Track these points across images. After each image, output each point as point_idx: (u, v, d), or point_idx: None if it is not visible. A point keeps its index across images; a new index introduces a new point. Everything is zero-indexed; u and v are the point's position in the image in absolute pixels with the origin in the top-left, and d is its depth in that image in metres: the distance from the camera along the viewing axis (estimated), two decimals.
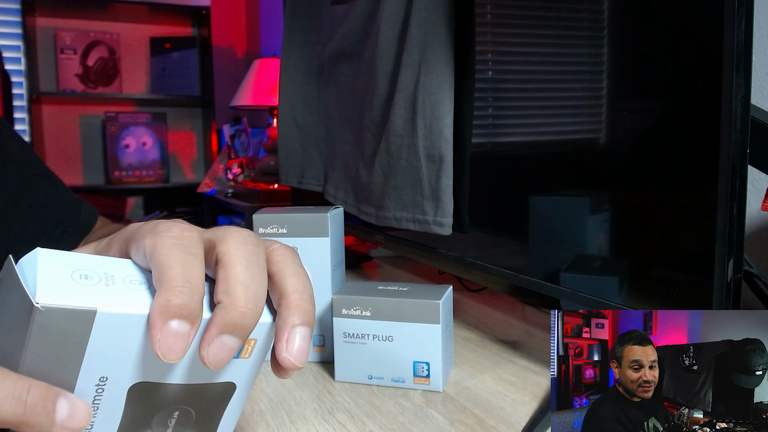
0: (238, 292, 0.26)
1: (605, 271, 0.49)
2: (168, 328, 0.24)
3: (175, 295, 0.25)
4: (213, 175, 2.56)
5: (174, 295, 0.25)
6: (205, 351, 0.26)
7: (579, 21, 0.51)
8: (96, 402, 0.27)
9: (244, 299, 0.26)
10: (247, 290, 0.27)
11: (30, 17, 2.68)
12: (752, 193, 0.66)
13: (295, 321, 0.28)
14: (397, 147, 0.66)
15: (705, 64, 0.38)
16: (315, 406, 0.49)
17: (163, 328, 0.24)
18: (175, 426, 0.29)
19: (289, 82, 0.99)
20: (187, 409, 0.29)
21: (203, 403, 0.30)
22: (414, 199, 0.65)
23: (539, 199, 0.55)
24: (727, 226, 0.37)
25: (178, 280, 0.25)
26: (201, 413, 0.30)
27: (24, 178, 0.59)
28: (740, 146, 0.36)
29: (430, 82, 0.61)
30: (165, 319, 0.24)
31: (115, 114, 2.93)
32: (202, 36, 2.96)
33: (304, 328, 0.28)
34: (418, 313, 0.50)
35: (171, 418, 0.29)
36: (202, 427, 0.30)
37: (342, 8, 0.82)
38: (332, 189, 0.89)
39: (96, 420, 0.27)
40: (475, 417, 0.46)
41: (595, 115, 0.49)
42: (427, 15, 0.61)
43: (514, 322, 0.72)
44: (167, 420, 0.29)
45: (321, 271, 0.57)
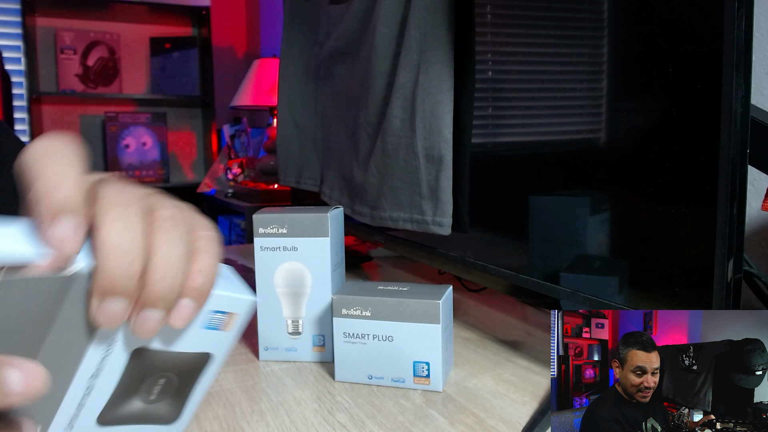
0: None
1: (605, 271, 0.49)
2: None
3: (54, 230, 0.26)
4: (213, 175, 2.56)
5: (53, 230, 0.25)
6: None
7: (579, 21, 0.51)
8: (102, 363, 0.29)
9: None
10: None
11: (30, 17, 2.68)
12: (752, 193, 0.66)
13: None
14: (394, 147, 0.66)
15: (705, 64, 0.38)
16: (315, 406, 0.49)
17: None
18: (158, 393, 0.31)
19: (287, 82, 0.99)
20: (171, 377, 0.31)
21: (184, 371, 0.32)
22: (412, 199, 0.65)
23: (539, 199, 0.55)
24: (727, 226, 0.37)
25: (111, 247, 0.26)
26: (180, 381, 0.32)
27: None
28: (740, 146, 0.36)
29: (429, 82, 0.61)
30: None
31: (115, 114, 2.93)
32: (202, 36, 2.96)
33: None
34: (418, 313, 0.50)
35: (156, 386, 0.31)
36: (179, 394, 0.32)
37: (339, 8, 0.82)
38: (328, 189, 0.89)
39: (98, 381, 0.29)
40: (475, 417, 0.46)
41: (595, 115, 0.49)
42: (426, 15, 0.61)
43: (514, 322, 0.72)
44: (152, 388, 0.31)
45: (321, 271, 0.57)
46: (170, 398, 0.32)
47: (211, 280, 0.29)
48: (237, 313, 0.31)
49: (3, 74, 2.34)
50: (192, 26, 3.06)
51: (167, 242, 0.27)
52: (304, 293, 0.57)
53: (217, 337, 0.32)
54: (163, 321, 0.28)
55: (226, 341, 0.32)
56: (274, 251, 0.57)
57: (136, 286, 0.26)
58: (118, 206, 0.26)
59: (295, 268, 0.57)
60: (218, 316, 0.31)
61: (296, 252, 0.57)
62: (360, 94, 0.75)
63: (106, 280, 0.25)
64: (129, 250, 0.26)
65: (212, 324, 0.31)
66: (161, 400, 0.32)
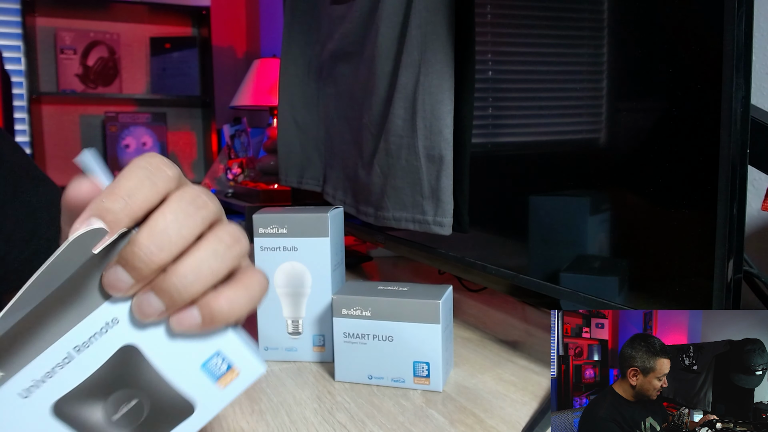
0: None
1: (605, 271, 0.49)
2: (88, 223, 0.25)
3: (108, 199, 0.25)
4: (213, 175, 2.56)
5: (108, 198, 0.25)
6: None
7: (579, 21, 0.51)
8: (92, 339, 0.28)
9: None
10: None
11: (30, 17, 2.67)
12: (752, 193, 0.66)
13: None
14: (397, 147, 0.66)
15: (705, 64, 0.38)
16: (315, 406, 0.49)
17: (84, 221, 0.25)
18: (123, 416, 0.29)
19: (288, 82, 0.99)
20: (142, 404, 0.29)
21: (158, 407, 0.29)
22: (414, 199, 0.65)
23: (539, 199, 0.55)
24: (727, 226, 0.37)
25: (120, 190, 0.25)
26: (150, 416, 0.29)
27: (16, 179, 0.59)
28: (740, 146, 0.36)
29: (430, 83, 0.61)
30: (88, 214, 0.25)
31: (115, 114, 2.92)
32: (202, 36, 2.96)
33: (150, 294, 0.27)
34: (418, 313, 0.50)
35: (125, 404, 0.29)
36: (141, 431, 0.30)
37: (341, 8, 0.82)
38: (331, 189, 0.89)
39: (78, 357, 0.28)
40: (475, 417, 0.46)
41: (595, 115, 0.49)
42: (427, 15, 0.61)
43: (514, 322, 0.72)
44: (121, 404, 0.29)
45: (321, 271, 0.57)
46: (130, 430, 0.29)
47: (234, 314, 0.28)
48: (240, 372, 0.29)
49: (3, 74, 2.34)
50: (192, 26, 3.06)
51: (211, 251, 0.27)
52: (304, 293, 0.57)
53: (209, 390, 0.29)
54: (162, 315, 0.27)
55: (216, 400, 0.29)
56: (274, 251, 0.57)
57: (152, 271, 0.26)
58: (185, 201, 0.27)
59: (295, 268, 0.57)
60: (221, 363, 0.29)
61: (296, 252, 0.57)
62: (364, 94, 0.75)
63: (131, 249, 0.25)
64: (168, 237, 0.26)
65: (211, 369, 0.29)
66: (121, 429, 0.29)
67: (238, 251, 0.28)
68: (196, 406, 0.29)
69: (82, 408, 0.29)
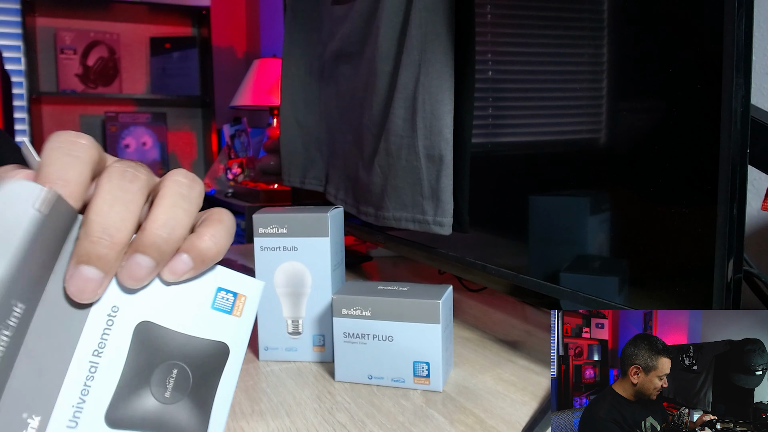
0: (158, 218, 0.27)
1: (605, 271, 0.49)
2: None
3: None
4: (213, 175, 2.56)
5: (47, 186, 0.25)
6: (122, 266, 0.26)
7: (579, 21, 0.51)
8: (104, 336, 0.27)
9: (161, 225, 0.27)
10: (167, 219, 0.27)
11: (30, 17, 2.68)
12: (752, 193, 0.66)
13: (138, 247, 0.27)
14: (397, 147, 0.66)
15: (705, 64, 0.38)
16: (315, 406, 0.49)
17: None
18: (173, 389, 0.29)
19: (290, 82, 0.99)
20: (184, 368, 0.29)
21: (198, 362, 0.29)
22: (414, 199, 0.65)
23: (539, 199, 0.55)
24: (727, 226, 0.37)
25: (51, 176, 0.25)
26: (196, 376, 0.29)
27: None
28: (740, 146, 0.36)
29: (430, 82, 0.61)
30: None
31: (115, 114, 2.93)
32: (202, 36, 2.96)
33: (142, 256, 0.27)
34: (418, 313, 0.50)
35: (170, 377, 0.29)
36: (199, 395, 0.30)
37: (342, 8, 0.82)
38: (333, 189, 0.89)
39: (101, 360, 0.27)
40: (475, 417, 0.46)
41: (595, 115, 0.49)
42: (427, 15, 0.61)
43: (514, 322, 0.72)
44: (166, 379, 0.29)
45: (321, 271, 0.57)
46: (189, 399, 0.29)
47: (220, 249, 0.28)
48: (246, 295, 0.30)
49: (3, 74, 2.34)
50: (192, 26, 3.06)
51: (178, 195, 0.27)
52: (304, 293, 0.57)
53: (230, 323, 0.30)
54: (154, 271, 0.27)
55: (240, 330, 0.30)
56: (274, 251, 0.57)
57: (118, 253, 0.26)
58: (114, 179, 0.27)
59: (295, 268, 0.57)
60: (226, 296, 0.30)
61: (296, 252, 0.57)
62: (364, 94, 0.75)
63: (88, 242, 0.25)
64: (113, 220, 0.26)
65: (221, 305, 0.30)
66: (178, 400, 0.29)
67: (199, 189, 0.29)
68: (228, 343, 0.30)
69: (134, 404, 0.28)
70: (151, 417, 0.28)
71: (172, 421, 0.29)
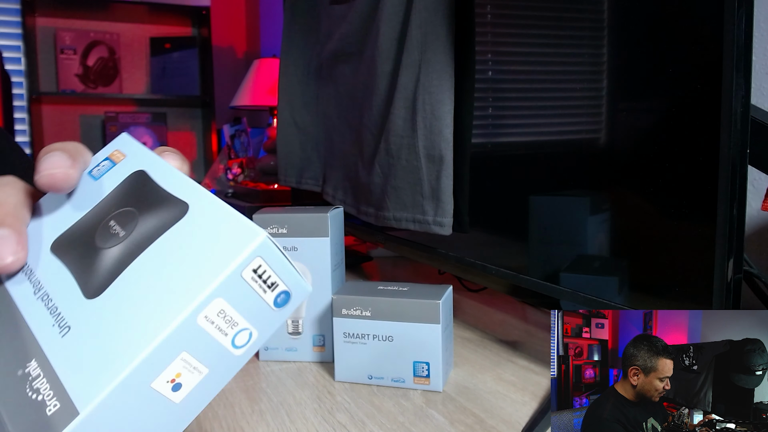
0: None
1: (605, 271, 0.49)
2: None
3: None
4: (213, 175, 2.56)
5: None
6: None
7: (579, 21, 0.51)
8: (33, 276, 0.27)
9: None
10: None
11: (30, 17, 2.67)
12: (752, 193, 0.66)
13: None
14: (397, 147, 0.66)
15: (705, 64, 0.38)
16: (315, 406, 0.49)
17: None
18: (115, 223, 0.27)
19: (288, 82, 0.99)
20: (133, 212, 0.27)
21: (149, 209, 0.27)
22: (414, 200, 0.65)
23: (539, 199, 0.55)
24: (727, 226, 0.37)
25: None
26: (144, 221, 0.27)
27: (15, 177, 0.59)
28: (740, 146, 0.36)
29: (430, 82, 0.61)
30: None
31: (115, 114, 2.92)
32: (202, 36, 2.96)
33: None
34: (418, 313, 0.50)
35: (117, 216, 0.27)
36: (133, 245, 0.26)
37: (341, 8, 0.82)
38: (331, 189, 0.89)
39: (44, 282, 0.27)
40: (475, 417, 0.46)
41: (595, 115, 0.49)
42: (427, 15, 0.61)
43: (514, 322, 0.72)
44: (114, 220, 0.27)
45: (321, 271, 0.57)
46: (121, 247, 0.26)
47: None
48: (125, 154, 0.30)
49: (3, 74, 2.34)
50: (192, 26, 3.05)
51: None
52: None
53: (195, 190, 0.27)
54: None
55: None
56: None
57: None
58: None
59: None
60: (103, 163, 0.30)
61: (296, 252, 0.57)
62: (364, 94, 0.75)
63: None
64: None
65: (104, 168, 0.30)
66: (113, 245, 0.26)
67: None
68: (190, 204, 0.26)
69: (75, 237, 0.28)
70: (83, 250, 0.27)
71: (93, 265, 0.26)
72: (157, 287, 0.24)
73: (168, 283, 0.24)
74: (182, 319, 0.22)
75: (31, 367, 0.24)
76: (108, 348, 0.23)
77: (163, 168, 0.29)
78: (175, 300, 0.23)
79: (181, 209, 0.26)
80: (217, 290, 0.23)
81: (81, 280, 0.26)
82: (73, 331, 0.24)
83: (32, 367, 0.24)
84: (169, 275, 0.24)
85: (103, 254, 0.26)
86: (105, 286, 0.25)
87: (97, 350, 0.23)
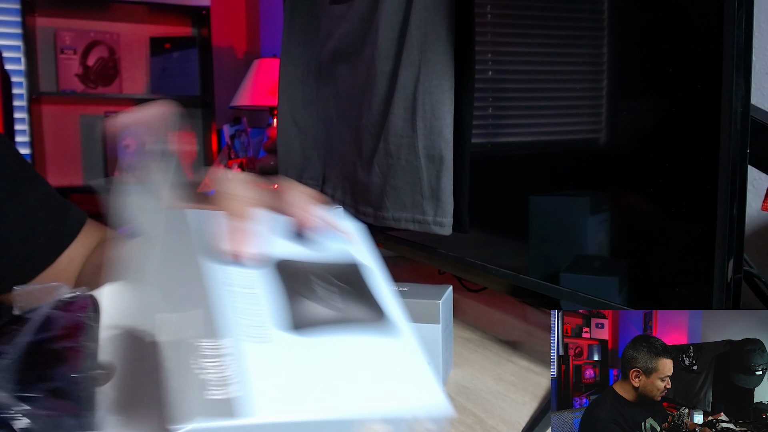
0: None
1: (605, 271, 0.49)
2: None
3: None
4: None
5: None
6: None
7: (579, 21, 0.51)
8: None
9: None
10: None
11: (30, 17, 2.67)
12: (752, 193, 0.66)
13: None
14: (397, 147, 0.66)
15: (705, 64, 0.38)
16: None
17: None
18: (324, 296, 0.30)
19: (288, 82, 0.99)
20: (328, 277, 0.31)
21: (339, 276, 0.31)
22: (413, 200, 0.65)
23: (539, 199, 0.55)
24: (727, 226, 0.37)
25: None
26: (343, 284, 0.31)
27: (12, 179, 0.59)
28: (740, 146, 0.36)
29: (430, 82, 0.61)
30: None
31: (116, 114, 2.92)
32: (202, 36, 2.96)
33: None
34: (418, 313, 0.50)
35: (317, 287, 0.30)
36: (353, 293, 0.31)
37: (340, 8, 0.82)
38: (330, 189, 0.89)
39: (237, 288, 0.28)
40: (475, 417, 0.46)
41: (595, 115, 0.49)
42: (427, 15, 0.61)
43: (514, 322, 0.72)
44: (316, 288, 0.30)
45: None
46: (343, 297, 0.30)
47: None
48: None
49: (3, 74, 2.34)
50: (192, 26, 3.06)
51: None
52: None
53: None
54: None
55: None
56: None
57: None
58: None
59: None
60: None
61: None
62: (363, 94, 0.75)
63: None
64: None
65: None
66: (329, 304, 0.30)
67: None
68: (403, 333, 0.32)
69: (304, 310, 0.29)
70: (328, 317, 0.29)
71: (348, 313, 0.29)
72: (358, 369, 0.27)
73: (366, 374, 0.27)
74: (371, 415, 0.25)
75: (214, 346, 0.24)
76: (314, 383, 0.25)
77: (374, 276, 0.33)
78: (368, 393, 0.26)
79: (394, 331, 0.31)
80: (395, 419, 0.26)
81: (295, 310, 0.28)
82: (275, 346, 0.26)
83: (216, 345, 0.24)
84: (369, 368, 0.27)
85: (318, 305, 0.29)
86: (316, 333, 0.28)
87: (299, 377, 0.25)
